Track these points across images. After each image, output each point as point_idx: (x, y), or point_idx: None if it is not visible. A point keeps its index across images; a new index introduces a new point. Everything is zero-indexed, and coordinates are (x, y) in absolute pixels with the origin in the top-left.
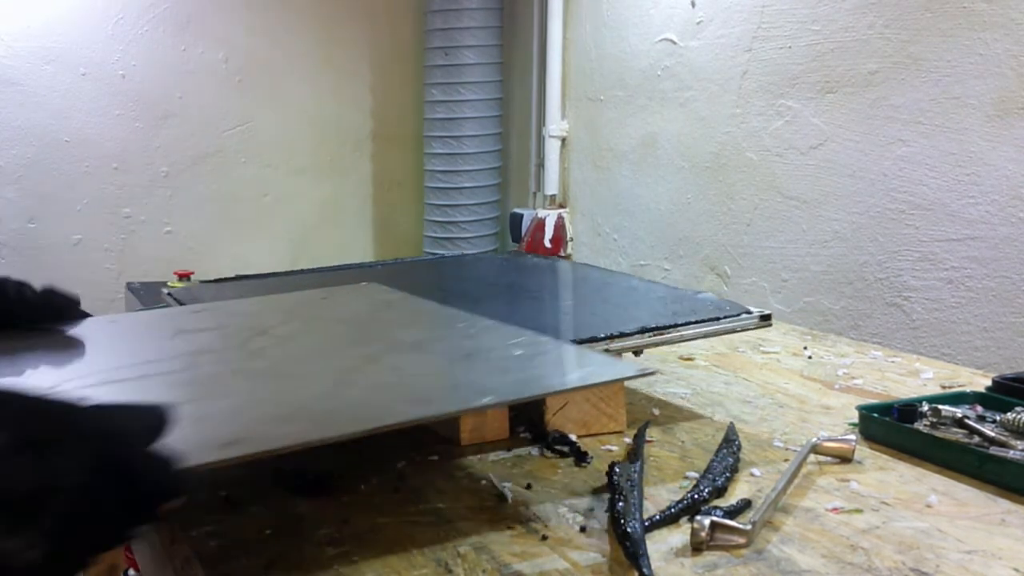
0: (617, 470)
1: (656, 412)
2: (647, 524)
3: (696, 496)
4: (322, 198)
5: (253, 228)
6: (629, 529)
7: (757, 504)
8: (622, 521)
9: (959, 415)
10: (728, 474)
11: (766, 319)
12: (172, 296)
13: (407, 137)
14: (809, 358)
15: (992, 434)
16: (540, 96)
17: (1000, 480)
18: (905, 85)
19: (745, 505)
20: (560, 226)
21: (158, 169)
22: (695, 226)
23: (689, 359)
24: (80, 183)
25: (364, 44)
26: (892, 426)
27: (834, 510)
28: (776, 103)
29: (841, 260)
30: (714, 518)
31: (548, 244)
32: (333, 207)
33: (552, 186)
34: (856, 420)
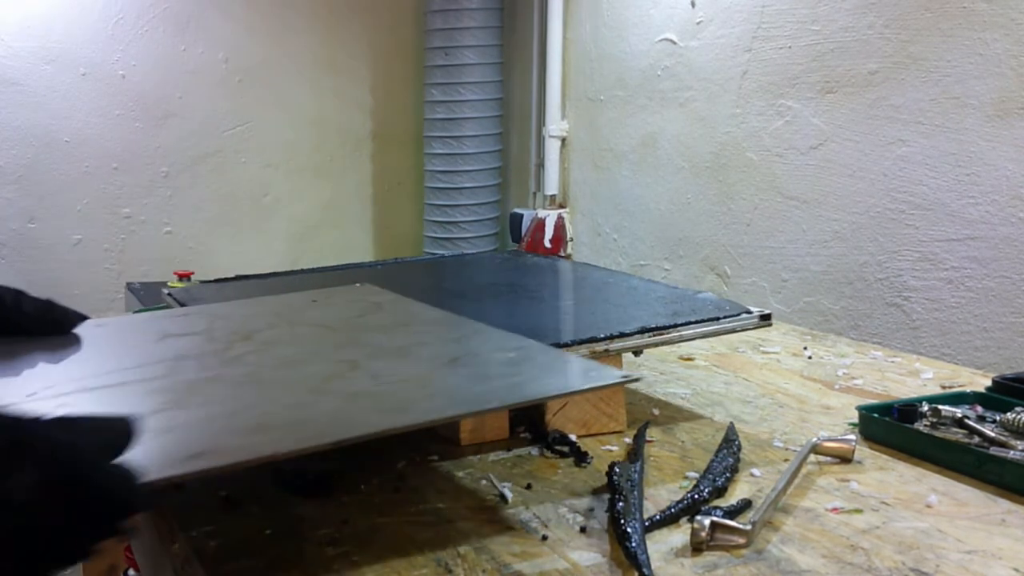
0: (617, 470)
1: (656, 412)
2: (647, 524)
3: (696, 496)
4: (322, 198)
5: (253, 228)
6: (629, 529)
7: (757, 504)
8: (622, 521)
9: (959, 415)
10: (728, 474)
11: (766, 319)
12: (172, 296)
13: (407, 137)
14: (809, 358)
15: (992, 434)
16: (540, 96)
17: (1000, 480)
18: (905, 85)
19: (745, 505)
20: (560, 226)
21: (158, 169)
22: (695, 226)
23: (689, 359)
24: (80, 183)
25: (364, 44)
26: (892, 426)
27: (834, 510)
28: (776, 103)
29: (841, 260)
30: (714, 518)
31: (548, 244)
32: (333, 207)
33: (552, 186)
34: (856, 420)
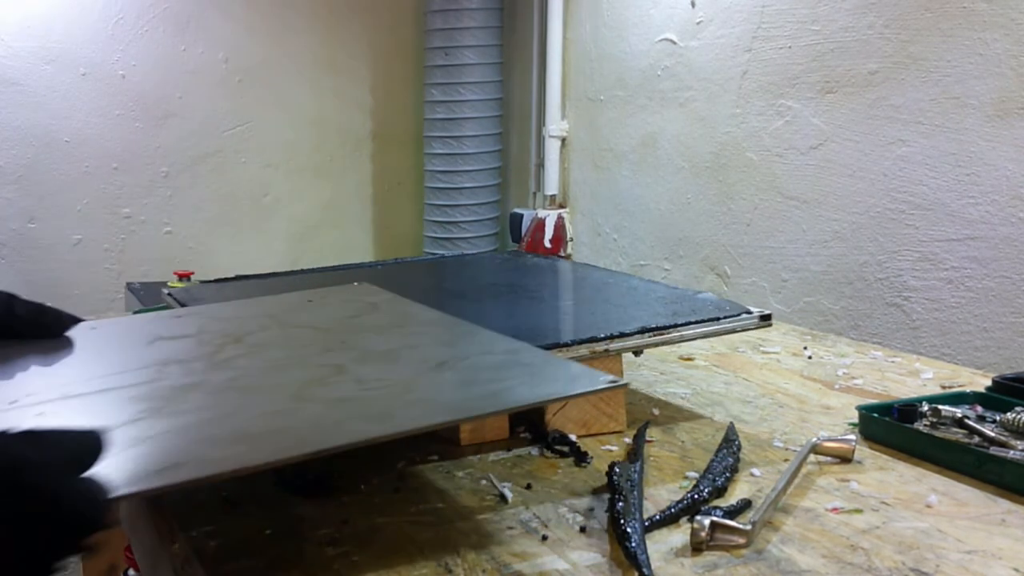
0: (617, 470)
1: (656, 412)
2: (647, 524)
3: (696, 496)
4: (322, 198)
5: (253, 228)
6: (629, 529)
7: (757, 504)
8: (622, 521)
9: (959, 415)
10: (728, 474)
11: (766, 319)
12: (172, 296)
13: (407, 137)
14: (809, 358)
15: (992, 434)
16: (540, 96)
17: (1000, 480)
18: (905, 85)
19: (745, 505)
20: (560, 226)
21: (158, 169)
22: (695, 226)
23: (689, 359)
24: (80, 183)
25: (364, 44)
26: (892, 426)
27: (834, 510)
28: (776, 103)
29: (841, 260)
30: (714, 518)
31: (548, 244)
32: (333, 207)
33: (552, 186)
34: (856, 420)
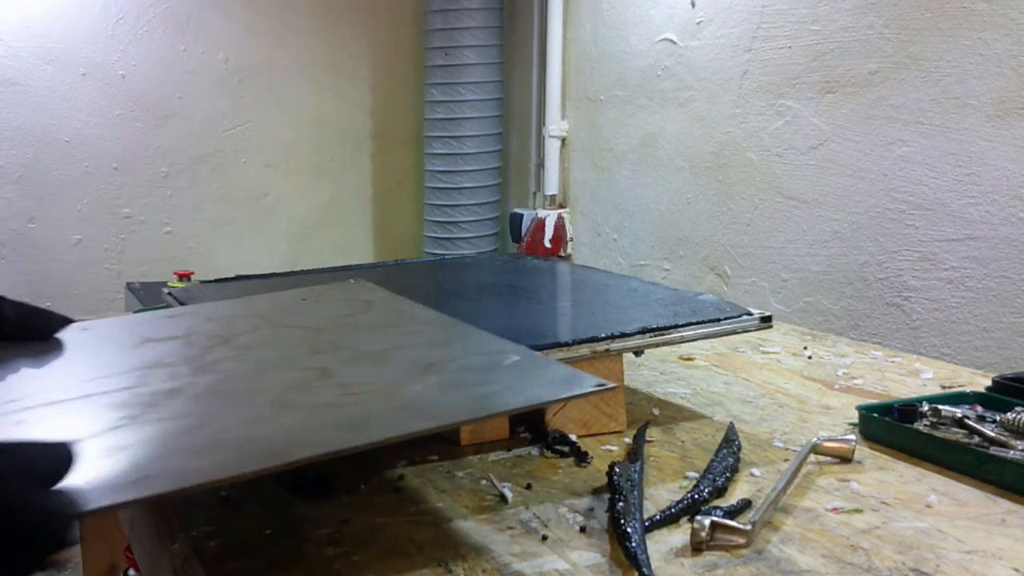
0: (617, 470)
1: (656, 412)
2: (647, 524)
3: (696, 496)
4: (322, 198)
5: (253, 228)
6: (629, 529)
7: (757, 504)
8: (622, 521)
9: (959, 415)
10: (728, 474)
11: (767, 321)
12: (172, 295)
13: (407, 137)
14: (809, 358)
15: (992, 434)
16: (540, 96)
17: (1000, 480)
18: (905, 85)
19: (745, 505)
20: (560, 226)
21: (158, 169)
22: (695, 226)
23: (689, 359)
24: (80, 183)
25: (364, 44)
26: (892, 426)
27: (834, 510)
28: (776, 103)
29: (841, 260)
30: (714, 518)
31: (548, 244)
32: (333, 207)
33: (552, 186)
34: (856, 420)
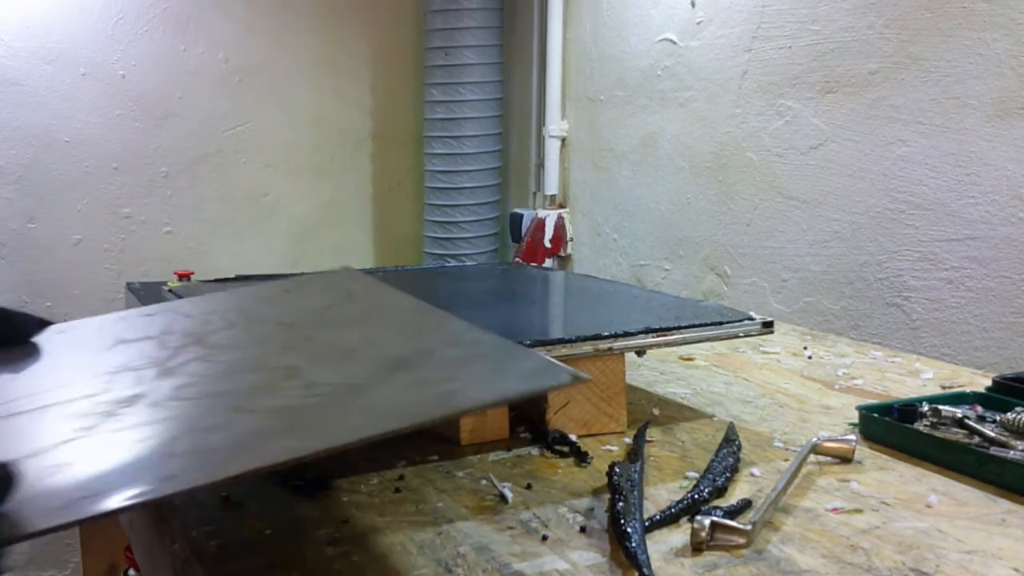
0: (617, 470)
1: (656, 412)
2: (647, 524)
3: (696, 496)
4: (322, 198)
5: (253, 228)
6: (629, 529)
7: (757, 504)
8: (622, 521)
9: (959, 415)
10: (728, 474)
11: (768, 326)
12: (173, 293)
13: (407, 137)
14: (809, 358)
15: (992, 434)
16: (540, 96)
17: (1000, 480)
18: (905, 85)
19: (745, 505)
20: (560, 226)
21: (158, 169)
22: (695, 226)
23: (689, 359)
24: (80, 183)
25: (364, 44)
26: (892, 426)
27: (834, 510)
28: (776, 103)
29: (841, 260)
30: (714, 518)
31: (548, 244)
32: (333, 207)
33: (552, 186)
34: (856, 420)
